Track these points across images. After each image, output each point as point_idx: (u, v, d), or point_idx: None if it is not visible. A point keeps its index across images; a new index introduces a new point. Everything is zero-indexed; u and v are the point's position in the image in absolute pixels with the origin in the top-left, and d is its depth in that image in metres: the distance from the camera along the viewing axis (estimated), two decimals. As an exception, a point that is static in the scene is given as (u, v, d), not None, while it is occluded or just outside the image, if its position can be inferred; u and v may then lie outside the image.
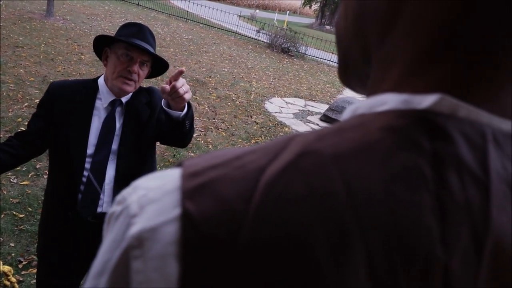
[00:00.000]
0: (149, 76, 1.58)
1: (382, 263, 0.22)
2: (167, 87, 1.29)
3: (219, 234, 0.23)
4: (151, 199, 0.26)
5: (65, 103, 1.43)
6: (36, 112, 1.49)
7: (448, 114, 0.24)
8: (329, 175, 0.23)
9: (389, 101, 0.26)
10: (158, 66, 1.56)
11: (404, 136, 0.24)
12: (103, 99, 1.46)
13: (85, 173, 1.44)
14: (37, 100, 4.55)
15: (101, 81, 1.48)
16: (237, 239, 0.23)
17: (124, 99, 1.49)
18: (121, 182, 1.50)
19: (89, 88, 1.47)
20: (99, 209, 1.47)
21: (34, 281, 2.33)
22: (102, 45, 1.48)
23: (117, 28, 1.51)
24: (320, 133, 0.26)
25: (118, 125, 1.47)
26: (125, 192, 0.28)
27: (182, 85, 1.32)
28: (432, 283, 0.22)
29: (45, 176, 3.32)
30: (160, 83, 5.97)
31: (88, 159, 1.44)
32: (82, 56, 6.87)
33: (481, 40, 0.25)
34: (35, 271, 2.40)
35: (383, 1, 0.29)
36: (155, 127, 1.55)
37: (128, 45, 1.39)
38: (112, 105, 1.47)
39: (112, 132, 1.46)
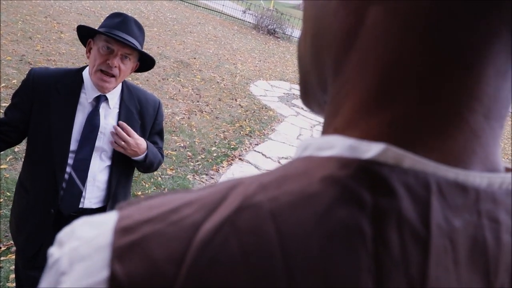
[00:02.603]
0: (138, 70, 1.51)
1: None
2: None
3: None
4: (81, 256, 0.24)
5: (47, 94, 1.35)
6: (13, 101, 1.41)
7: (392, 165, 0.23)
8: (265, 234, 0.22)
9: (336, 145, 0.26)
10: (146, 60, 1.48)
11: (345, 189, 0.23)
12: (88, 93, 1.40)
13: (68, 169, 1.40)
14: (15, 81, 4.42)
15: (86, 74, 1.41)
16: None
17: (109, 95, 1.43)
18: (112, 183, 1.48)
19: (74, 80, 1.40)
20: (80, 205, 1.44)
21: (13, 267, 2.30)
22: (86, 35, 1.41)
23: (98, 6, 1.46)
24: (262, 182, 0.25)
25: (103, 121, 1.42)
26: (64, 233, 0.27)
27: (123, 136, 1.41)
28: None
29: (24, 160, 3.26)
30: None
31: (71, 155, 1.39)
32: (62, 35, 6.66)
33: (428, 87, 0.24)
34: (13, 257, 2.37)
35: (336, 36, 0.28)
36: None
37: (109, 37, 1.32)
38: (97, 100, 1.41)
39: (96, 129, 1.40)
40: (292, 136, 5.52)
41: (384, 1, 0.25)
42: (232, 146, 4.65)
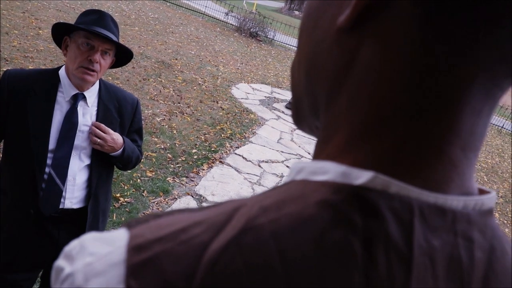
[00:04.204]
0: (113, 66, 1.53)
1: None
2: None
3: None
4: (96, 272, 0.26)
5: (23, 95, 1.34)
6: None
7: (380, 191, 0.26)
8: (267, 251, 0.25)
9: (330, 171, 0.28)
10: (122, 55, 1.50)
11: (338, 212, 0.26)
12: (65, 92, 1.39)
13: (47, 169, 1.38)
14: (-10, 77, 4.30)
15: (62, 72, 1.41)
16: None
17: (87, 94, 1.43)
18: (93, 182, 1.48)
19: (50, 79, 1.39)
20: (60, 206, 1.43)
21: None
22: (61, 33, 1.40)
23: (77, 3, 1.45)
24: (263, 205, 0.27)
25: (81, 119, 1.42)
26: (72, 247, 0.28)
27: (98, 134, 1.43)
28: None
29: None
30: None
31: (49, 155, 1.38)
32: (40, 31, 6.51)
33: (413, 123, 0.27)
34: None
35: (330, 72, 0.31)
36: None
37: (89, 33, 1.33)
38: (75, 99, 1.41)
39: (75, 127, 1.40)
40: (273, 139, 5.56)
41: (374, 46, 0.28)
42: (212, 149, 4.65)
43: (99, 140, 1.42)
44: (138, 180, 3.56)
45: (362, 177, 0.27)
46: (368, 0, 0.27)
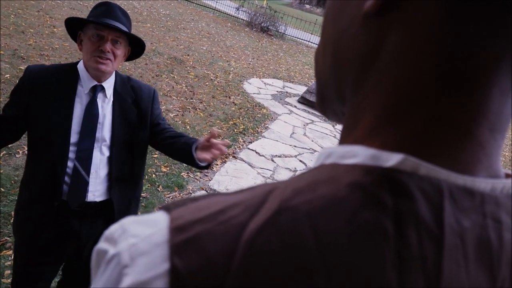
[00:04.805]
0: (130, 58, 1.54)
1: None
2: (208, 138, 1.45)
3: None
4: (142, 251, 0.27)
5: (44, 89, 1.38)
6: (11, 99, 1.43)
7: (410, 172, 0.27)
8: (302, 232, 0.26)
9: (359, 154, 0.29)
10: (136, 46, 1.53)
11: (370, 193, 0.27)
12: (84, 85, 1.42)
13: (70, 163, 1.41)
14: (8, 75, 4.38)
15: (80, 66, 1.44)
16: None
17: (106, 85, 1.45)
18: (113, 174, 1.49)
19: (69, 73, 1.43)
20: (85, 199, 1.45)
21: (8, 263, 2.31)
22: (75, 30, 1.45)
23: (90, 1, 1.49)
24: (295, 187, 0.29)
25: (100, 111, 1.45)
26: (114, 231, 0.30)
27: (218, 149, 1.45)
28: None
29: (17, 156, 3.24)
30: (137, 68, 5.87)
31: (72, 148, 1.40)
32: (55, 29, 6.60)
33: (442, 105, 0.28)
34: (8, 253, 2.38)
35: (356, 57, 0.31)
36: (151, 134, 1.58)
37: (98, 25, 1.37)
38: (93, 91, 1.44)
39: (96, 119, 1.43)
40: (285, 134, 5.56)
41: (401, 29, 0.28)
42: (226, 144, 4.66)
43: (218, 152, 1.45)
44: (153, 175, 3.61)
45: (391, 159, 0.27)
46: None
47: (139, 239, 0.28)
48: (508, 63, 0.27)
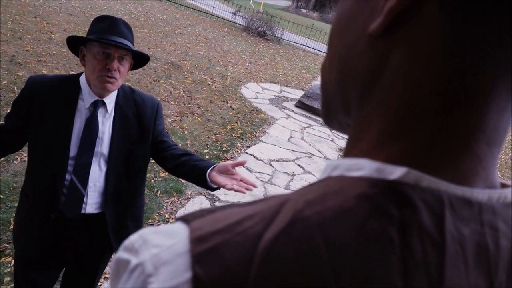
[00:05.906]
0: (132, 68, 1.53)
1: None
2: (230, 167, 1.45)
3: None
4: (164, 261, 0.29)
5: (45, 101, 1.37)
6: (13, 109, 1.43)
7: (413, 185, 0.29)
8: (314, 240, 0.28)
9: (365, 167, 0.31)
10: (139, 56, 1.51)
11: (376, 204, 0.28)
12: (85, 99, 1.41)
13: (68, 176, 1.41)
14: (5, 82, 4.38)
15: (82, 80, 1.42)
16: None
17: (107, 100, 1.44)
18: (109, 188, 1.48)
19: (71, 86, 1.41)
20: (82, 211, 1.46)
21: (8, 270, 2.31)
22: (77, 43, 1.42)
23: (87, 7, 1.47)
24: (307, 199, 0.30)
25: (100, 127, 1.43)
26: (134, 241, 0.31)
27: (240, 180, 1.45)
28: None
29: (16, 162, 3.24)
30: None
31: (70, 161, 1.40)
32: (52, 35, 6.62)
33: (443, 121, 0.30)
34: (8, 259, 2.38)
35: (362, 74, 0.33)
36: (155, 150, 1.57)
37: (103, 43, 1.33)
38: (94, 106, 1.42)
39: (95, 135, 1.42)
40: (283, 138, 5.58)
41: (405, 49, 0.30)
42: (224, 149, 4.68)
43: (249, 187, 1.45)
44: (152, 180, 3.61)
45: (396, 172, 0.29)
46: (399, 9, 0.29)
47: (161, 249, 0.30)
48: (505, 82, 0.29)
